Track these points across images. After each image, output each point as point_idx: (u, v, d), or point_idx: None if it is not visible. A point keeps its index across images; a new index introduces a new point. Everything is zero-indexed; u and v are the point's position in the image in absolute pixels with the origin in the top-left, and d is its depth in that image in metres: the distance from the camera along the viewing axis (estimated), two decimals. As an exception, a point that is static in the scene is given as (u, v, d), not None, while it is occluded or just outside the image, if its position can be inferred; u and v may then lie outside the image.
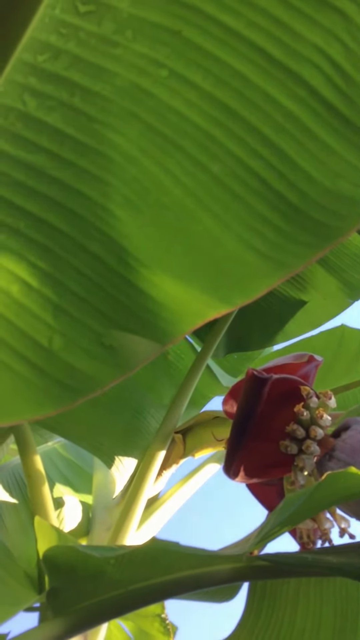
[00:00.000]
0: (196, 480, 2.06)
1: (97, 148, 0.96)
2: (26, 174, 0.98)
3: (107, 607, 1.11)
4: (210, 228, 0.96)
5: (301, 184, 0.94)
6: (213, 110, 0.92)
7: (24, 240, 1.00)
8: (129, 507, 1.67)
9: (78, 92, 0.94)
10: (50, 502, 1.69)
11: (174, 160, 0.94)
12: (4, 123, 0.97)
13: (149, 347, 0.99)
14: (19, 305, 1.02)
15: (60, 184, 0.98)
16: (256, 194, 0.94)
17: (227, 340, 2.20)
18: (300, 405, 1.20)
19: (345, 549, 1.10)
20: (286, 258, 0.95)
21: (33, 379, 1.03)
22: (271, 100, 0.92)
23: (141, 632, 1.96)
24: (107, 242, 0.99)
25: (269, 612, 1.53)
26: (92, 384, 1.02)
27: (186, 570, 1.08)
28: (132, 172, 0.95)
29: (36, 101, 0.95)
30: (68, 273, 1.00)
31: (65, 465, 2.36)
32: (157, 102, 0.93)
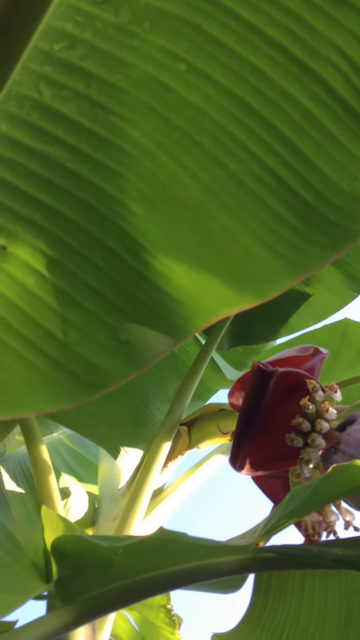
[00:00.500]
0: (202, 471, 2.06)
1: (113, 141, 0.95)
2: (42, 166, 0.97)
3: (115, 597, 1.11)
4: (227, 225, 0.95)
5: (318, 184, 0.93)
6: (231, 107, 0.91)
7: (39, 232, 0.99)
8: (134, 497, 1.68)
9: (94, 83, 0.93)
10: (57, 492, 1.69)
11: (191, 156, 0.93)
12: (19, 112, 0.96)
13: (164, 342, 0.99)
14: (33, 297, 1.02)
15: (76, 177, 0.97)
16: (273, 192, 0.94)
17: (232, 333, 2.19)
18: (306, 399, 1.20)
19: (350, 541, 1.11)
20: (301, 258, 0.95)
21: (48, 370, 1.03)
22: (289, 98, 0.91)
23: (146, 623, 1.96)
24: (122, 237, 0.98)
25: (275, 604, 1.54)
26: (108, 378, 1.01)
27: (193, 560, 1.08)
28: (148, 166, 0.95)
29: (52, 91, 0.94)
30: (83, 267, 1.00)
31: (70, 456, 2.36)
32: (175, 96, 0.92)
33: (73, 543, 1.15)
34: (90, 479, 2.27)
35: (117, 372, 1.02)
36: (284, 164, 0.93)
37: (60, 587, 1.17)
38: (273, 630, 1.52)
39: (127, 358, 1.02)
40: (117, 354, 1.01)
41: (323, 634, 1.48)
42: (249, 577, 1.64)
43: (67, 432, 2.48)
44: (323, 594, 1.51)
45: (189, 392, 1.84)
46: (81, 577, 1.14)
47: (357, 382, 2.10)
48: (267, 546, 1.08)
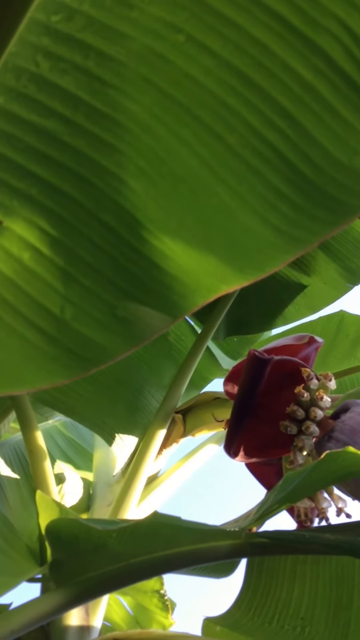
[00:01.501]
0: (196, 459, 2.05)
1: (111, 115, 0.92)
2: (39, 139, 0.94)
3: (108, 580, 1.10)
4: (225, 200, 0.92)
5: (318, 158, 0.90)
6: (231, 79, 0.88)
7: (36, 207, 0.96)
8: (129, 483, 1.66)
9: (92, 55, 0.89)
10: (52, 478, 1.68)
11: (190, 130, 0.90)
12: (16, 85, 0.92)
13: (161, 319, 0.96)
14: (30, 273, 0.99)
15: (73, 151, 0.94)
16: (272, 167, 0.91)
17: (227, 323, 2.18)
18: (300, 387, 1.19)
19: (342, 527, 1.10)
20: (301, 233, 0.92)
21: (44, 346, 1.00)
22: (290, 71, 0.88)
23: (140, 608, 1.96)
24: (120, 213, 0.95)
25: (267, 588, 1.53)
26: (104, 354, 0.99)
27: (186, 544, 1.07)
28: (146, 141, 0.92)
29: (49, 63, 0.91)
30: (80, 242, 0.97)
31: (65, 443, 2.35)
32: (174, 68, 0.89)
33: (67, 526, 1.14)
34: (85, 465, 2.26)
35: (114, 348, 0.99)
36: (284, 138, 0.90)
37: (54, 569, 1.16)
38: (264, 614, 1.52)
39: (123, 334, 0.99)
40: (113, 331, 0.99)
41: (313, 619, 1.47)
42: (241, 562, 1.63)
43: (62, 419, 2.47)
44: (314, 579, 1.51)
45: (184, 380, 1.84)
46: (75, 560, 1.13)
47: (351, 374, 2.09)
48: (259, 531, 1.07)
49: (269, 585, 1.54)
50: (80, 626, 1.44)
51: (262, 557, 1.55)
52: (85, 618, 1.45)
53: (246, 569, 1.58)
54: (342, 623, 1.42)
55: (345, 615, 1.43)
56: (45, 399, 1.85)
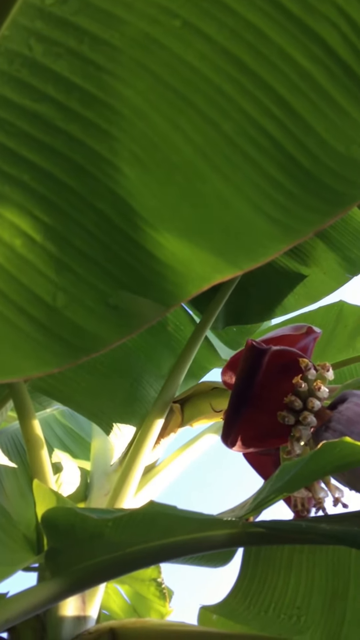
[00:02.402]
0: (193, 450, 2.05)
1: (105, 100, 0.91)
2: (31, 124, 0.93)
3: (104, 569, 1.10)
4: (220, 189, 0.91)
5: (314, 147, 0.89)
6: (226, 65, 0.87)
7: (28, 192, 0.95)
8: (126, 473, 1.66)
9: (86, 40, 0.88)
10: (49, 467, 1.68)
11: (184, 117, 0.89)
12: (9, 69, 0.91)
13: (154, 308, 0.96)
14: (22, 260, 0.98)
15: (66, 136, 0.93)
16: (267, 155, 0.90)
17: (226, 313, 2.17)
18: (298, 377, 1.18)
19: (338, 517, 1.10)
20: (295, 223, 0.91)
21: (35, 335, 0.99)
22: (286, 57, 0.87)
23: (138, 596, 1.97)
24: (113, 200, 0.94)
25: (263, 577, 1.54)
26: (96, 342, 0.98)
27: (183, 534, 1.07)
28: (140, 127, 0.91)
29: (43, 47, 0.90)
30: (73, 229, 0.96)
31: (63, 432, 2.35)
32: (169, 54, 0.87)
33: (64, 515, 1.14)
34: (83, 454, 2.26)
35: (106, 336, 0.99)
36: (280, 126, 0.89)
37: (51, 558, 1.16)
38: (260, 603, 1.53)
39: (116, 323, 0.98)
40: (106, 319, 0.98)
41: (309, 608, 1.48)
42: (238, 552, 1.63)
43: (60, 408, 2.47)
44: (310, 569, 1.51)
45: (182, 370, 1.83)
46: (71, 549, 1.13)
47: (350, 364, 2.08)
48: (256, 521, 1.08)
49: (266, 575, 1.54)
50: (77, 615, 1.44)
51: (259, 546, 1.55)
52: (82, 607, 1.46)
53: (243, 558, 1.59)
54: (338, 612, 1.43)
55: (341, 605, 1.44)
56: (44, 388, 1.84)
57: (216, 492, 4.98)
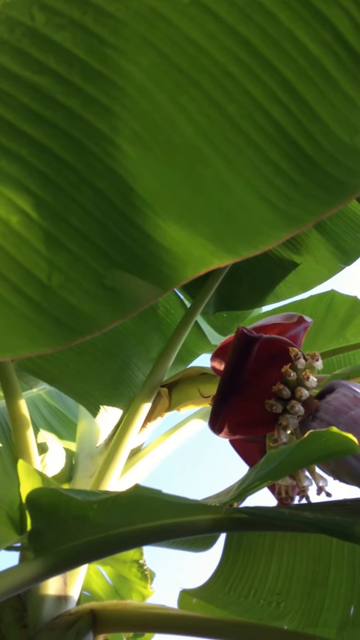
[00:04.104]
0: (179, 434, 2.06)
1: (108, 75, 0.88)
2: (31, 97, 0.90)
3: (87, 550, 1.10)
4: (221, 173, 0.89)
5: (319, 135, 0.88)
6: (234, 46, 0.85)
7: (26, 168, 0.93)
8: (112, 455, 1.66)
9: (90, 11, 0.86)
10: (34, 447, 1.67)
11: (189, 97, 0.87)
12: (9, 38, 0.89)
13: (150, 291, 0.94)
14: (18, 237, 0.96)
15: (66, 111, 0.91)
16: (271, 141, 0.88)
17: (217, 298, 2.17)
18: (287, 366, 1.18)
19: (322, 506, 1.11)
20: (297, 212, 0.90)
21: (29, 314, 0.97)
22: (295, 42, 0.85)
23: (119, 577, 1.98)
24: (112, 178, 0.92)
25: (244, 563, 1.56)
26: (90, 324, 0.96)
27: (167, 518, 1.07)
28: (143, 105, 0.88)
29: (45, 16, 0.87)
30: (71, 208, 0.94)
31: (49, 412, 2.34)
32: (175, 31, 0.85)
33: (48, 496, 1.13)
34: (68, 435, 2.25)
35: (101, 318, 0.97)
36: (285, 112, 0.87)
37: (34, 538, 1.15)
38: (241, 588, 1.55)
39: (111, 305, 0.97)
40: (101, 301, 0.96)
41: (289, 594, 1.50)
42: (221, 537, 1.65)
43: (47, 388, 2.46)
44: (291, 556, 1.53)
45: (172, 354, 1.82)
46: (55, 530, 1.12)
47: (339, 354, 2.09)
48: (240, 507, 1.08)
49: (247, 560, 1.56)
50: (58, 596, 1.45)
51: (242, 532, 1.57)
52: (63, 588, 1.46)
53: (225, 542, 1.60)
54: (317, 600, 1.45)
55: (320, 593, 1.46)
56: (31, 368, 1.83)
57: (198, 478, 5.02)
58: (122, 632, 1.97)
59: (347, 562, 1.46)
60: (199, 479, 5.08)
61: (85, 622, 1.39)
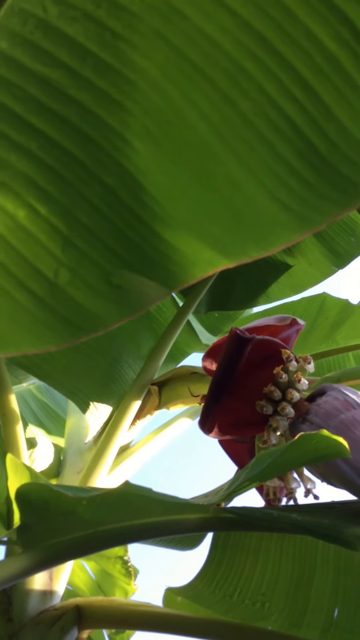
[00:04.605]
0: (168, 433, 2.05)
1: (120, 70, 0.86)
2: (42, 90, 0.88)
3: (75, 546, 1.09)
4: (233, 171, 0.87)
5: (334, 134, 0.86)
6: (249, 42, 0.83)
7: (34, 162, 0.91)
8: (101, 452, 1.64)
9: (104, 4, 0.84)
10: (23, 441, 1.65)
11: (202, 93, 0.85)
12: (21, 30, 0.86)
13: (157, 290, 0.93)
14: (25, 232, 0.94)
15: (77, 105, 0.89)
16: (285, 139, 0.86)
17: (209, 298, 2.16)
18: (279, 368, 1.18)
19: (310, 508, 1.11)
20: (310, 213, 0.88)
21: (35, 310, 0.96)
22: (312, 38, 0.83)
23: (103, 573, 1.97)
24: (121, 175, 0.90)
25: (230, 562, 1.55)
26: (96, 322, 0.95)
27: (155, 516, 1.06)
28: (155, 100, 0.87)
29: (58, 9, 0.85)
30: (79, 203, 0.92)
31: (38, 407, 2.32)
32: (190, 25, 0.83)
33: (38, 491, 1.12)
34: (57, 431, 2.24)
35: (107, 317, 0.95)
36: (300, 110, 0.85)
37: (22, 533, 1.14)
38: (226, 588, 1.54)
39: (117, 303, 0.95)
40: (107, 298, 0.95)
41: (274, 595, 1.50)
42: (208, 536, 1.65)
43: (37, 383, 2.44)
44: (277, 557, 1.53)
45: (163, 352, 1.81)
46: (43, 525, 1.11)
47: (329, 356, 2.10)
48: (228, 507, 1.08)
49: (233, 560, 1.56)
50: (43, 590, 1.44)
51: (228, 532, 1.57)
52: (49, 583, 1.45)
53: (212, 541, 1.60)
54: (302, 601, 1.45)
55: (305, 594, 1.46)
56: (22, 362, 1.81)
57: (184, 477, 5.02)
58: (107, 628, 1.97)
59: (332, 564, 1.46)
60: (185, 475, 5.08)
61: (70, 618, 1.38)
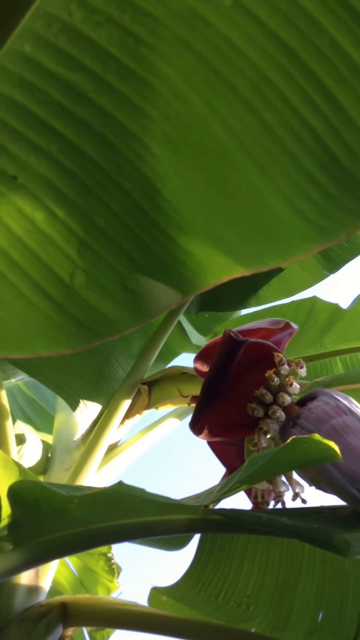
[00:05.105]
0: (156, 432, 2.05)
1: (143, 75, 0.86)
2: (64, 94, 0.88)
3: (65, 544, 1.09)
4: (253, 180, 0.87)
5: (357, 146, 0.86)
6: (275, 51, 0.83)
7: (54, 165, 0.91)
8: (90, 450, 1.64)
9: (129, 10, 0.84)
10: (12, 437, 1.65)
11: (224, 101, 0.85)
12: (46, 33, 0.86)
13: (171, 295, 0.94)
14: (42, 235, 0.94)
15: (98, 109, 0.89)
16: (308, 150, 0.86)
17: (200, 299, 2.16)
18: (271, 371, 1.18)
19: (299, 512, 1.12)
20: (329, 224, 0.88)
21: (50, 313, 0.96)
22: (338, 49, 0.83)
23: (86, 570, 1.97)
24: (140, 180, 0.90)
25: (217, 564, 1.56)
26: (111, 326, 0.95)
27: (145, 515, 1.06)
28: (176, 107, 0.87)
29: (83, 13, 0.85)
30: (97, 207, 0.92)
31: (27, 404, 2.30)
32: (215, 33, 0.83)
33: (30, 488, 1.12)
34: (45, 427, 2.23)
35: (121, 321, 0.95)
36: (324, 121, 0.85)
37: (13, 529, 1.14)
38: (212, 589, 1.55)
39: (132, 308, 0.95)
40: (122, 303, 0.95)
41: (259, 598, 1.51)
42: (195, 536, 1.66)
43: (25, 379, 2.42)
44: (264, 559, 1.54)
45: (153, 352, 1.81)
46: (34, 522, 1.12)
47: (317, 360, 2.12)
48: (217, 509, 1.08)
49: (219, 561, 1.56)
50: (29, 586, 1.43)
51: (216, 533, 1.58)
52: (35, 579, 1.44)
53: (199, 542, 1.60)
54: (287, 604, 1.46)
55: (290, 597, 1.47)
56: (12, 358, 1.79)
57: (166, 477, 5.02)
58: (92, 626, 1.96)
59: (318, 568, 1.47)
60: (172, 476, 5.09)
61: (56, 615, 1.38)
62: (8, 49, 0.89)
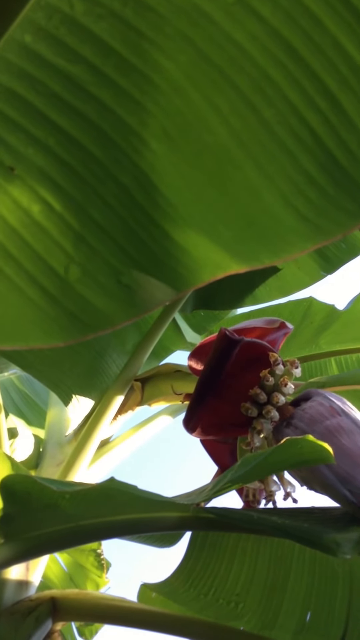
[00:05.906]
0: (148, 429, 2.06)
1: (143, 70, 0.86)
2: (63, 86, 0.88)
3: (56, 539, 1.09)
4: (251, 177, 0.88)
5: (355, 146, 0.86)
6: (276, 49, 0.83)
7: (51, 158, 0.91)
8: (82, 445, 1.64)
9: (131, 3, 0.83)
10: (5, 431, 1.65)
11: (224, 98, 0.85)
12: (46, 25, 0.86)
13: (165, 291, 0.94)
14: (38, 227, 0.94)
15: (98, 103, 0.88)
16: (306, 149, 0.86)
17: (196, 296, 2.16)
18: (266, 371, 1.18)
19: (290, 512, 1.13)
20: (325, 223, 0.88)
21: (44, 306, 0.97)
22: (340, 49, 0.83)
23: (75, 565, 1.97)
24: (137, 175, 0.90)
25: (207, 562, 1.56)
26: (104, 320, 0.96)
27: (136, 512, 1.06)
28: (176, 103, 0.86)
29: (85, 6, 0.84)
30: (93, 201, 0.92)
31: (19, 397, 2.30)
32: (217, 29, 0.83)
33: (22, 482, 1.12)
34: (37, 422, 2.23)
35: (114, 315, 0.96)
36: (323, 120, 0.85)
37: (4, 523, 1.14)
38: (202, 586, 1.55)
39: (125, 303, 0.96)
40: (116, 298, 0.95)
41: (248, 596, 1.51)
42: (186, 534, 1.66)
43: (18, 373, 2.41)
44: (253, 558, 1.54)
45: (147, 348, 1.81)
46: (26, 517, 1.11)
47: (311, 361, 2.13)
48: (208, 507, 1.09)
49: (210, 559, 1.57)
50: (19, 581, 1.43)
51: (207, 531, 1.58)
52: (25, 573, 1.45)
53: (190, 539, 1.61)
54: (275, 603, 1.46)
55: (278, 596, 1.48)
56: (6, 352, 1.79)
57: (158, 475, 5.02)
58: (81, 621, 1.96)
59: (307, 567, 1.48)
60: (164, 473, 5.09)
61: (45, 609, 1.38)
62: (8, 40, 0.89)
